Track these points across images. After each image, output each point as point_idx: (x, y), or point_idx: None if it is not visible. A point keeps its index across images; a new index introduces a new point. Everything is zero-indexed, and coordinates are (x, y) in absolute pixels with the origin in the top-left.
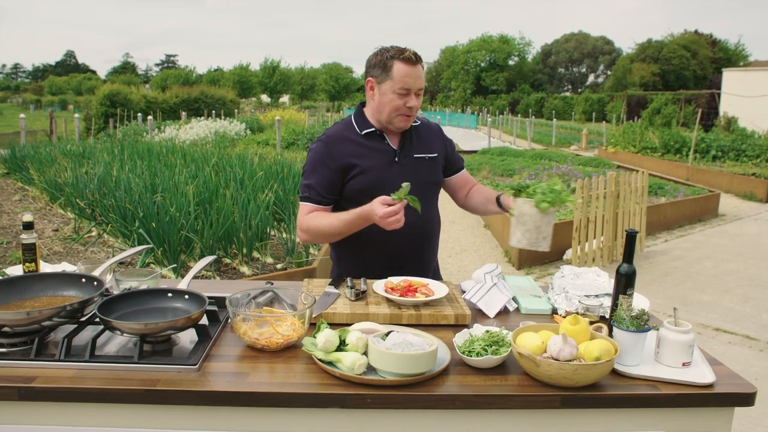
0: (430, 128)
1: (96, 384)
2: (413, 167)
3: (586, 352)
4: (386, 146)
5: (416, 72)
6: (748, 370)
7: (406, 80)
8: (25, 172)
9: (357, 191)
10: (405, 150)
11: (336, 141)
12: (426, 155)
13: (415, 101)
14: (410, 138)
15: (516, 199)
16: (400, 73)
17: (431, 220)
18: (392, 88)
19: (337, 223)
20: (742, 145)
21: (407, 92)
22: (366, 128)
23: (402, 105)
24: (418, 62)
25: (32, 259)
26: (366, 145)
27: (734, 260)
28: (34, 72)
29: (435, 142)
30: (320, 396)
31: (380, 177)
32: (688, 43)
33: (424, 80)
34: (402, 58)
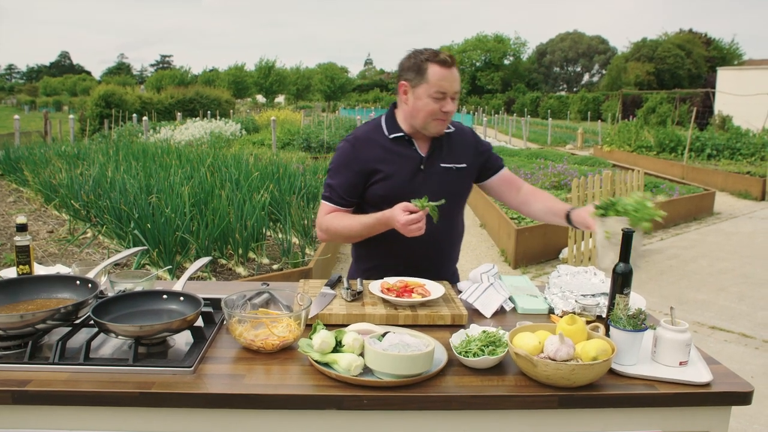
0: (463, 135)
1: (90, 387)
2: (439, 177)
3: (583, 352)
4: (413, 153)
5: (452, 75)
6: (744, 368)
7: (441, 84)
8: (20, 174)
9: (379, 197)
10: (432, 158)
11: (362, 143)
12: (454, 165)
13: (451, 105)
14: (440, 146)
15: (605, 219)
16: (436, 76)
17: (453, 230)
18: (427, 92)
19: (357, 226)
20: (737, 144)
21: (443, 96)
22: (394, 132)
23: (438, 109)
24: (453, 65)
25: (26, 262)
26: (393, 150)
27: (729, 258)
28: (29, 73)
29: (466, 151)
30: (317, 398)
31: (403, 184)
32: (682, 42)
33: (459, 83)
34: (437, 61)
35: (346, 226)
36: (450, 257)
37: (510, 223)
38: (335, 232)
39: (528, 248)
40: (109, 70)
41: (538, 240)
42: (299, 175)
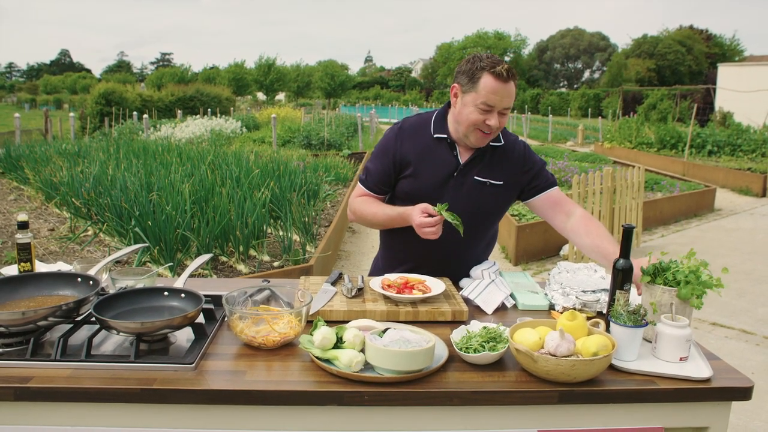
0: (512, 151)
1: (92, 384)
2: (470, 188)
3: (584, 348)
4: (452, 158)
5: (505, 90)
6: (745, 364)
7: (491, 96)
8: (21, 172)
9: (405, 193)
10: (469, 168)
11: (406, 134)
12: (488, 181)
13: (497, 120)
14: (482, 157)
15: (652, 287)
16: (487, 87)
17: (478, 245)
18: (474, 101)
19: (380, 215)
20: (738, 140)
21: (490, 109)
22: (438, 133)
23: (481, 121)
24: (510, 79)
25: (27, 259)
26: (432, 150)
27: (730, 255)
28: (29, 71)
29: (508, 169)
30: (317, 394)
31: (431, 188)
32: (683, 39)
33: (512, 99)
34: (492, 72)
35: (372, 212)
36: (470, 263)
37: (511, 220)
38: (361, 215)
39: (529, 245)
40: (109, 68)
41: (539, 237)
42: (300, 172)
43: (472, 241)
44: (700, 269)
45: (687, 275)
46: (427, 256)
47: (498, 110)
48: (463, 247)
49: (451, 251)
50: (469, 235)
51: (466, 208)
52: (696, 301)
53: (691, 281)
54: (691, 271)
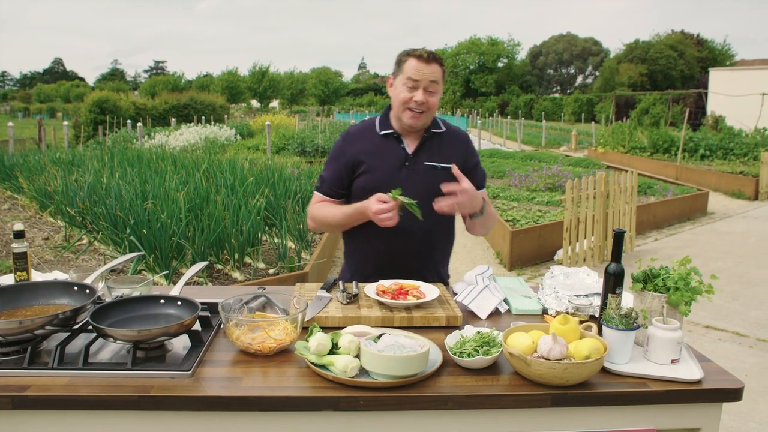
0: (456, 138)
1: (90, 391)
2: (423, 174)
3: (576, 351)
4: (400, 149)
5: (428, 68)
6: (738, 367)
7: (413, 72)
8: (14, 181)
9: (362, 189)
10: (418, 155)
11: (354, 138)
12: (439, 165)
13: (423, 96)
14: (428, 144)
15: (643, 294)
16: (410, 66)
17: (437, 229)
18: (402, 81)
19: (338, 214)
20: (730, 144)
21: (415, 84)
22: (385, 129)
23: (409, 98)
24: (431, 61)
25: (24, 268)
26: (380, 146)
27: (723, 258)
28: (22, 80)
29: (455, 153)
30: (313, 399)
31: (385, 180)
32: (674, 43)
33: (438, 79)
34: (414, 55)
35: (330, 214)
36: (433, 255)
37: (505, 225)
38: (321, 220)
39: (523, 250)
40: (102, 76)
41: (533, 242)
42: (294, 179)
43: (433, 228)
44: (690, 275)
45: (676, 282)
46: (390, 252)
47: (423, 86)
48: (423, 237)
49: (411, 244)
50: (430, 220)
51: (422, 193)
52: (684, 308)
53: (680, 288)
54: (681, 277)
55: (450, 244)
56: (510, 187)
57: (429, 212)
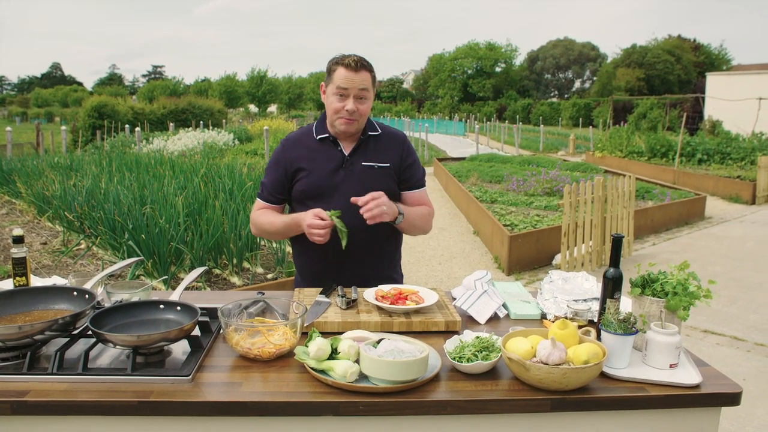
0: (392, 138)
1: (89, 397)
2: (360, 175)
3: (575, 356)
4: (337, 152)
5: (356, 76)
6: (736, 371)
7: (342, 81)
8: (12, 186)
9: (301, 192)
10: (355, 157)
11: (292, 144)
12: (376, 164)
13: (353, 105)
14: (365, 146)
15: (641, 299)
16: (339, 75)
17: (383, 233)
18: (332, 90)
19: (278, 223)
20: (727, 148)
21: (344, 93)
22: (321, 134)
23: (341, 108)
24: (359, 69)
25: (23, 273)
26: (318, 150)
27: (721, 262)
28: (20, 84)
29: (392, 153)
30: (313, 404)
31: (324, 181)
32: (671, 48)
33: (368, 86)
34: (343, 63)
35: (269, 222)
36: (381, 260)
37: (503, 230)
38: (261, 227)
39: (521, 255)
40: (100, 81)
41: (531, 246)
42: None
43: (374, 231)
44: (688, 280)
45: (675, 286)
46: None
47: (353, 95)
48: (366, 241)
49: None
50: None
51: (361, 192)
52: (682, 312)
53: (678, 293)
54: (679, 282)
55: (397, 245)
56: (508, 191)
57: None
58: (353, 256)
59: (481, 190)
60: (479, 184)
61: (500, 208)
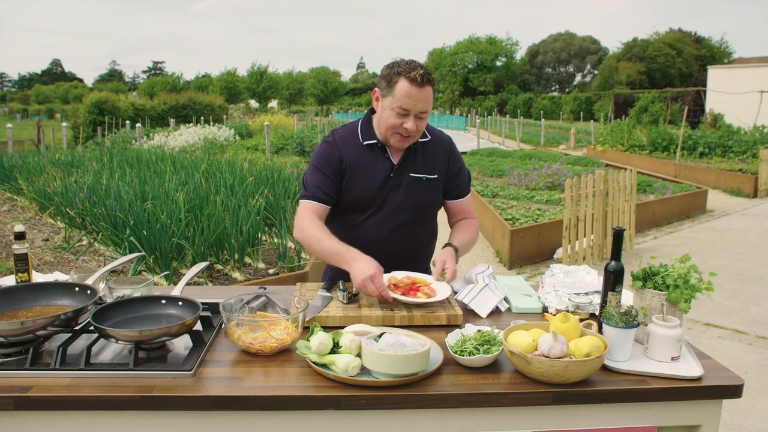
0: (439, 146)
1: (92, 392)
2: (407, 186)
3: (576, 349)
4: (385, 160)
5: (420, 94)
6: (738, 364)
7: (406, 101)
8: (14, 182)
9: (348, 201)
10: (403, 167)
11: (340, 144)
12: (424, 176)
13: (413, 123)
14: (413, 155)
15: (643, 292)
16: (402, 92)
17: (422, 236)
18: (391, 105)
19: (326, 246)
20: (729, 142)
21: (406, 113)
22: (368, 139)
23: (398, 125)
24: (425, 84)
25: (25, 269)
26: (365, 156)
27: (722, 255)
28: (20, 81)
29: (440, 163)
30: (315, 398)
31: (371, 193)
32: (673, 42)
33: (430, 103)
34: (408, 77)
35: (316, 238)
36: (417, 262)
37: (504, 224)
38: (308, 240)
39: (523, 249)
40: (101, 77)
41: (532, 240)
42: (294, 179)
43: (420, 236)
44: (689, 273)
45: (676, 279)
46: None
47: (414, 114)
48: (407, 246)
49: (396, 253)
50: (415, 229)
51: (407, 204)
52: (684, 305)
53: (680, 285)
54: (681, 275)
55: (433, 245)
56: (509, 185)
57: (413, 223)
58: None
59: (482, 185)
60: (480, 178)
61: (501, 202)
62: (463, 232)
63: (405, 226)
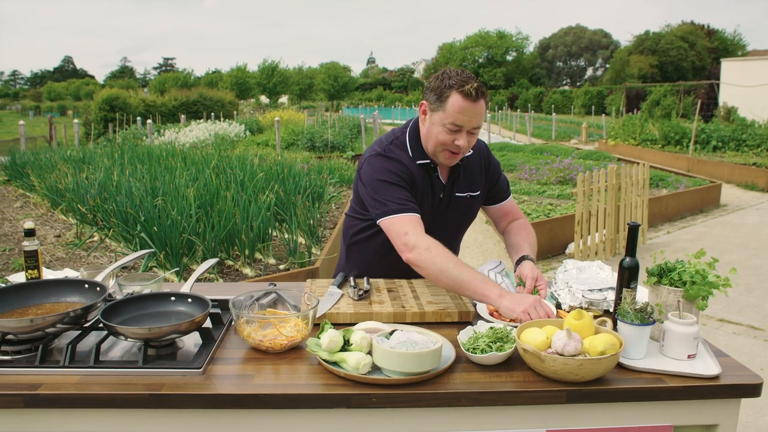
0: (478, 159)
1: (101, 389)
2: (453, 206)
3: (591, 347)
4: (436, 180)
5: (474, 109)
6: (754, 360)
7: (458, 117)
8: (26, 179)
9: None
10: (450, 186)
11: (398, 159)
12: (468, 194)
13: (465, 140)
14: (459, 173)
15: (658, 288)
16: (455, 107)
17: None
18: (442, 121)
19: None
20: (743, 135)
21: (458, 129)
22: (420, 159)
23: (450, 141)
24: (479, 98)
25: (35, 266)
26: (419, 176)
27: (737, 251)
28: (33, 78)
29: (480, 177)
30: (325, 396)
31: (426, 213)
32: (685, 34)
33: (483, 118)
34: (461, 91)
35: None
36: None
37: None
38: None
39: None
40: (112, 73)
41: (544, 235)
42: (304, 175)
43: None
44: (706, 269)
45: (693, 275)
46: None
47: (467, 130)
48: None
49: None
50: (452, 244)
51: (453, 222)
52: (701, 302)
53: (697, 282)
54: (698, 271)
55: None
56: (520, 180)
57: (448, 239)
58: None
59: None
60: None
61: (513, 197)
62: (524, 237)
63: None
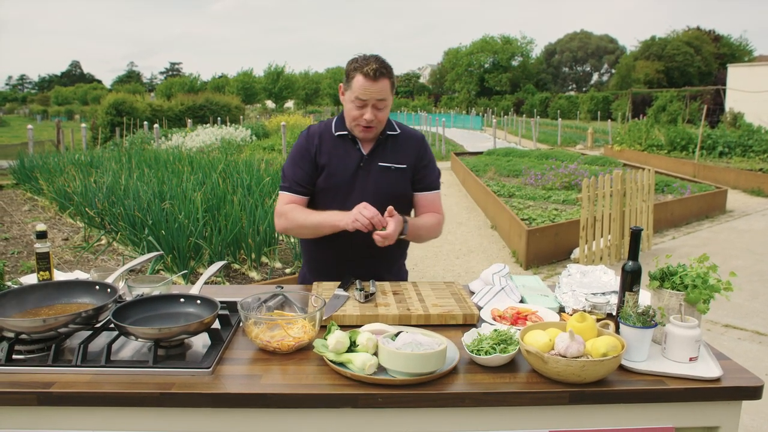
0: (410, 138)
1: (112, 388)
2: (377, 175)
3: (593, 349)
4: (356, 151)
5: (374, 86)
6: (759, 365)
7: (361, 92)
8: (34, 183)
9: (321, 189)
10: (373, 157)
11: (314, 137)
12: (393, 165)
13: (372, 114)
14: (382, 146)
15: (660, 292)
16: (358, 84)
17: None
18: (350, 98)
19: (314, 216)
20: (749, 141)
21: (364, 104)
22: (339, 131)
23: (359, 116)
24: (378, 78)
25: (46, 268)
26: (337, 147)
27: (742, 256)
28: (41, 83)
29: (409, 155)
30: (332, 396)
31: (343, 179)
32: (691, 40)
33: (386, 93)
34: (362, 72)
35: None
36: (388, 257)
37: (521, 224)
38: (295, 220)
39: (539, 249)
40: (119, 78)
41: (549, 240)
42: None
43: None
44: (708, 273)
45: (694, 279)
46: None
47: (371, 104)
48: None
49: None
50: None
51: (376, 192)
52: (702, 306)
53: (698, 285)
54: (699, 275)
55: (404, 245)
56: (526, 185)
57: (385, 206)
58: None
59: (498, 185)
60: (497, 178)
61: (518, 202)
62: (422, 217)
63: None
